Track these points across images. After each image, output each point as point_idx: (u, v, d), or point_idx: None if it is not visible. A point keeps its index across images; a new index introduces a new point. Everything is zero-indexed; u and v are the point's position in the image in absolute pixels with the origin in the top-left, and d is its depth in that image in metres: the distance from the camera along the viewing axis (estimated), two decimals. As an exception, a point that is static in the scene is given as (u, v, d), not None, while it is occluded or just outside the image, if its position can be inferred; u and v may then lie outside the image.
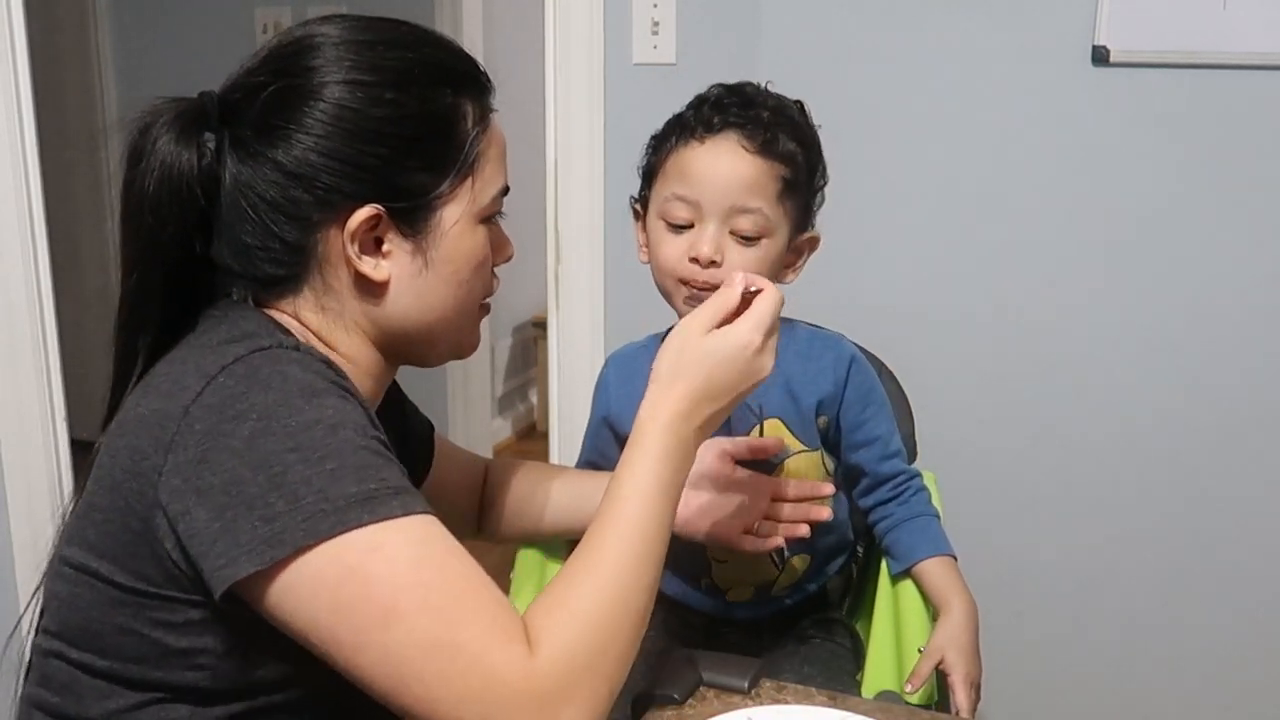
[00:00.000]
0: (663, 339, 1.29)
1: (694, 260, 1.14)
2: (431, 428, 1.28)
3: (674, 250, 1.16)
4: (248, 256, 0.94)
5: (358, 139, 0.91)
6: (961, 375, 1.92)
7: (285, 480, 0.81)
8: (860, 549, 1.41)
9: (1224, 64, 1.71)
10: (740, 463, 1.23)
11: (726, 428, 1.23)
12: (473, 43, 3.27)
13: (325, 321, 0.97)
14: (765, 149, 1.14)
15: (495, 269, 1.03)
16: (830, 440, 1.27)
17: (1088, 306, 1.85)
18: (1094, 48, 1.75)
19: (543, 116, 1.92)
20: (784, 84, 1.26)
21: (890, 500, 1.27)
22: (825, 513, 1.19)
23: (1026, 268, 1.86)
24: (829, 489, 1.19)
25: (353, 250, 0.93)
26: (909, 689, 1.15)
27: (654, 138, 1.21)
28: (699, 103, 1.19)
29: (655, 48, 1.88)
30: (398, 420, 1.21)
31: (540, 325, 3.46)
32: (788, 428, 1.24)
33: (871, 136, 1.87)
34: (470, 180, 0.96)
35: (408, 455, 1.22)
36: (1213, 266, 1.79)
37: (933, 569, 1.23)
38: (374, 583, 0.81)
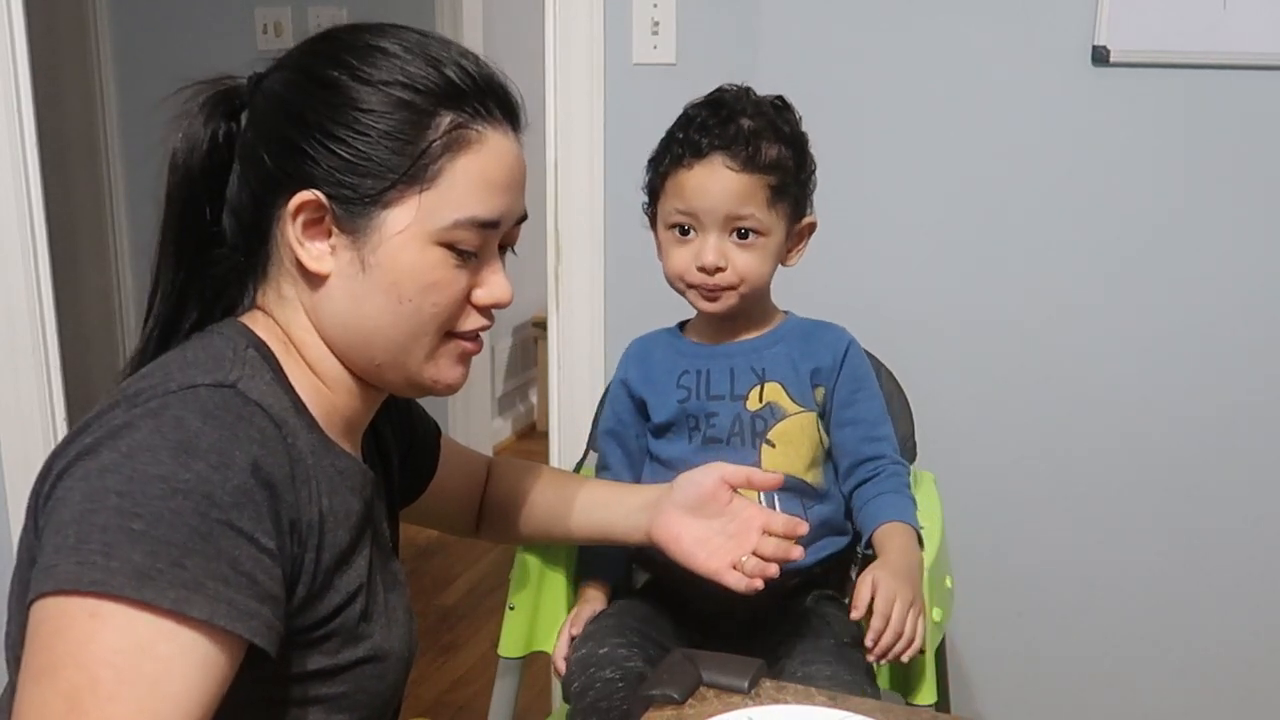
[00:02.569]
0: (677, 330, 1.39)
1: (701, 269, 1.27)
2: (438, 431, 1.28)
3: (681, 259, 1.30)
4: (231, 231, 0.99)
5: (303, 125, 0.93)
6: (961, 376, 1.92)
7: (91, 520, 0.80)
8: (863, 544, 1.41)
9: (1224, 64, 1.71)
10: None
11: (729, 384, 1.31)
12: (473, 43, 3.27)
13: (290, 317, 0.98)
14: (749, 164, 1.25)
15: (491, 310, 0.99)
16: (826, 414, 1.34)
17: (1087, 306, 1.85)
18: (1094, 48, 1.74)
19: (543, 116, 1.92)
20: (783, 84, 1.27)
21: (866, 481, 1.33)
22: (799, 551, 1.17)
23: (1026, 268, 1.86)
24: (804, 528, 1.19)
25: (293, 231, 0.94)
26: (870, 645, 1.16)
27: (651, 160, 1.32)
28: (685, 123, 1.29)
29: (655, 48, 1.88)
30: (405, 425, 1.20)
31: (540, 325, 3.46)
32: (786, 391, 1.31)
33: (870, 137, 1.87)
34: (420, 192, 0.93)
35: (412, 460, 1.22)
36: (1213, 267, 1.79)
37: (883, 529, 1.27)
38: (75, 643, 0.77)
